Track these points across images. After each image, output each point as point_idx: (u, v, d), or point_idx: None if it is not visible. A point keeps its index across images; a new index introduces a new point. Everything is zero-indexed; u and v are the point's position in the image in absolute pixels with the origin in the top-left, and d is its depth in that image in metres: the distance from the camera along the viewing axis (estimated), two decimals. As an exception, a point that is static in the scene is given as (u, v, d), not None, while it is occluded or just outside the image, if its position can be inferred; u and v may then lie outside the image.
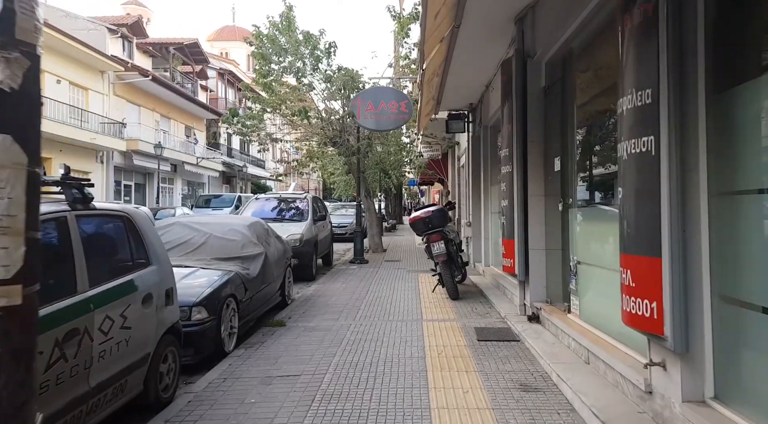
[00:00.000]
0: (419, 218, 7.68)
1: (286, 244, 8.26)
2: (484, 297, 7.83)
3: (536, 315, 5.74)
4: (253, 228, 6.83)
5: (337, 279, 10.17)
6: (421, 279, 9.92)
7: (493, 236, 9.79)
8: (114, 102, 23.69)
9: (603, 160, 4.46)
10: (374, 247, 15.10)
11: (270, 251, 7.02)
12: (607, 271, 4.06)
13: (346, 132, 13.50)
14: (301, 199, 11.58)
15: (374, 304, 7.52)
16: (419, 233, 7.92)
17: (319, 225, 11.50)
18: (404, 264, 12.40)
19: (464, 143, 13.33)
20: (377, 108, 11.94)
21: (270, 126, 14.18)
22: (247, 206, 11.50)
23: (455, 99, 10.61)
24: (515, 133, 5.95)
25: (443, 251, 7.48)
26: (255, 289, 6.11)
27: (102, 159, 22.89)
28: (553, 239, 5.76)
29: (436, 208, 7.68)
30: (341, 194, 30.47)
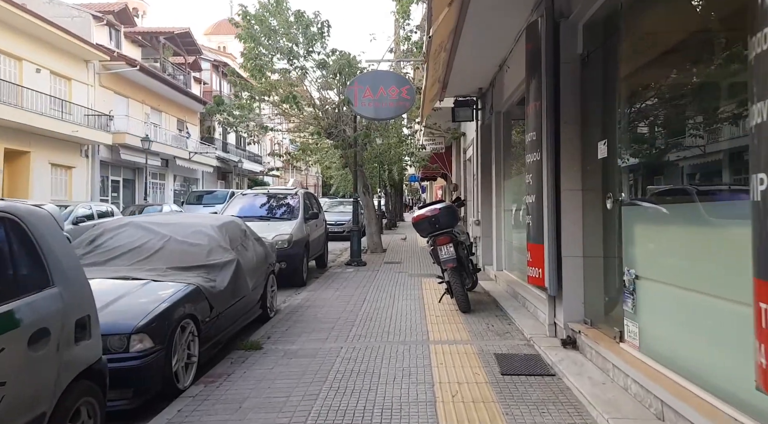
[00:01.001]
0: (424, 216, 6.53)
1: (269, 247, 7.11)
2: (499, 309, 6.69)
3: (572, 339, 4.60)
4: (225, 229, 5.67)
5: (330, 285, 9.03)
6: (424, 285, 8.78)
7: (506, 237, 8.65)
8: (100, 93, 22.53)
9: (691, 141, 3.31)
10: (373, 247, 13.96)
11: (246, 256, 5.88)
12: (699, 296, 2.92)
13: (342, 122, 12.33)
14: (292, 196, 10.43)
15: (371, 318, 6.38)
16: (424, 234, 6.78)
17: (312, 224, 10.36)
18: (405, 267, 11.25)
19: (471, 134, 12.16)
20: (376, 94, 10.79)
21: (261, 116, 13.00)
22: (230, 203, 10.35)
23: (463, 83, 9.44)
24: (545, 113, 4.80)
25: (453, 255, 6.34)
26: (223, 304, 4.97)
27: (87, 153, 21.73)
28: (593, 243, 4.62)
29: (443, 205, 6.54)
30: (339, 190, 29.36)
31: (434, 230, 6.50)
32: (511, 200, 8.43)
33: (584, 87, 4.72)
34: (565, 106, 4.78)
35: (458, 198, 7.17)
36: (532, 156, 4.98)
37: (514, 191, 8.23)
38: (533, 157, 4.97)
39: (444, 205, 6.58)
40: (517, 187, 7.90)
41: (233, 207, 10.17)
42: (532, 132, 4.98)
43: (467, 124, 13.01)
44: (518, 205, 7.81)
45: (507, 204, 8.62)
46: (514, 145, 8.36)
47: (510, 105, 8.30)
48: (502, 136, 8.83)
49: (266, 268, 6.63)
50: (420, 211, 6.67)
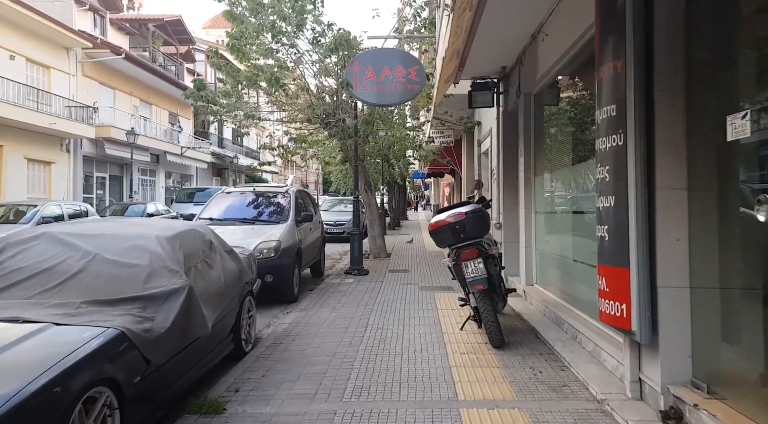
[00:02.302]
0: (445, 223, 5.01)
1: (247, 261, 5.61)
2: (541, 343, 5.19)
3: (678, 413, 3.09)
4: (178, 242, 4.17)
5: (326, 301, 7.54)
6: (439, 301, 7.29)
7: (538, 245, 7.14)
8: (83, 83, 21.01)
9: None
10: (376, 251, 12.45)
11: (209, 278, 4.39)
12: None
13: (341, 110, 10.81)
14: (282, 194, 8.93)
15: (376, 355, 4.89)
16: (444, 244, 5.28)
17: (305, 227, 8.86)
18: (414, 276, 9.76)
19: (489, 123, 10.65)
20: (380, 76, 9.30)
21: (249, 104, 11.47)
22: (210, 203, 8.85)
23: (484, 59, 7.92)
24: (630, 78, 3.29)
25: (482, 274, 4.84)
26: (166, 352, 3.48)
27: (68, 148, 20.24)
28: (707, 268, 3.12)
29: (470, 208, 5.02)
30: (339, 187, 27.84)
31: (458, 240, 4.99)
32: (546, 201, 6.92)
33: (694, 33, 3.21)
34: (661, 66, 3.27)
35: (482, 198, 5.70)
36: (608, 140, 3.47)
37: (551, 190, 6.72)
38: (610, 141, 3.46)
39: (471, 208, 5.07)
40: (557, 184, 6.40)
41: (212, 208, 8.67)
42: (609, 106, 3.47)
43: (483, 112, 11.49)
44: (558, 206, 6.30)
45: (539, 205, 7.12)
46: (550, 135, 6.85)
47: (545, 85, 6.79)
48: (533, 124, 7.32)
49: (240, 289, 5.14)
50: (439, 216, 5.15)
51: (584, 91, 5.41)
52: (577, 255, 5.41)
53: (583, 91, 5.47)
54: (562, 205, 6.06)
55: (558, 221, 6.31)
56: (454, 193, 20.71)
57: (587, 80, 5.27)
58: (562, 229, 6.03)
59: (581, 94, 5.50)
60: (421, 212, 48.61)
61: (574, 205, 5.56)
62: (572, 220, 5.62)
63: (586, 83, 5.31)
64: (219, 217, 8.31)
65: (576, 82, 5.61)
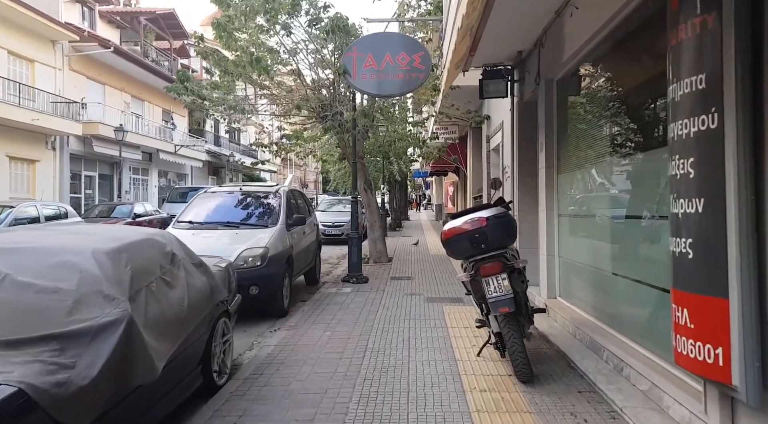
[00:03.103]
0: (462, 231, 4.08)
1: (221, 276, 4.72)
2: (578, 375, 4.27)
3: None
4: (125, 257, 3.25)
5: (320, 316, 6.63)
6: (449, 317, 6.38)
7: (563, 253, 6.22)
8: (70, 78, 20.10)
9: None
10: (376, 255, 11.54)
11: (168, 301, 3.48)
12: None
13: (339, 102, 9.91)
14: (272, 195, 8.01)
15: (376, 394, 3.97)
16: (460, 256, 4.37)
17: (298, 231, 7.95)
18: (419, 285, 8.84)
19: (500, 116, 9.74)
20: (381, 64, 8.39)
21: (236, 95, 10.54)
22: (189, 206, 7.92)
23: (498, 42, 7.02)
24: (731, 38, 2.38)
25: (508, 294, 3.93)
26: (92, 410, 2.57)
27: (53, 145, 19.32)
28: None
29: (493, 212, 4.09)
30: (338, 186, 26.90)
31: (478, 251, 4.08)
32: (574, 202, 6.02)
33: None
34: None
35: (501, 200, 4.80)
36: (693, 123, 2.56)
37: (581, 189, 5.81)
38: (695, 124, 2.55)
39: (494, 212, 4.14)
40: (589, 183, 5.48)
41: (193, 210, 7.75)
42: (693, 77, 2.56)
43: (494, 105, 10.58)
44: (591, 208, 5.39)
45: (564, 206, 6.21)
46: (579, 125, 5.93)
47: (572, 68, 5.88)
48: (556, 114, 6.41)
49: (212, 311, 4.24)
50: (454, 222, 4.21)
51: (632, 68, 4.49)
52: (618, 268, 4.50)
53: (630, 68, 4.55)
54: (596, 208, 5.14)
55: (590, 225, 5.39)
56: (458, 192, 19.78)
57: (636, 55, 4.36)
58: (596, 235, 5.12)
59: (627, 72, 4.59)
60: (423, 212, 47.75)
61: (614, 207, 4.65)
62: (611, 225, 4.71)
63: (635, 59, 4.40)
64: (200, 220, 7.40)
65: (618, 59, 4.70)
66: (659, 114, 3.65)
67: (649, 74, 4.04)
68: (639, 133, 4.29)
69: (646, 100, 4.12)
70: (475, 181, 14.78)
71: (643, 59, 4.18)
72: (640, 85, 4.27)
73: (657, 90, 3.63)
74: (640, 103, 4.26)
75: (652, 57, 3.88)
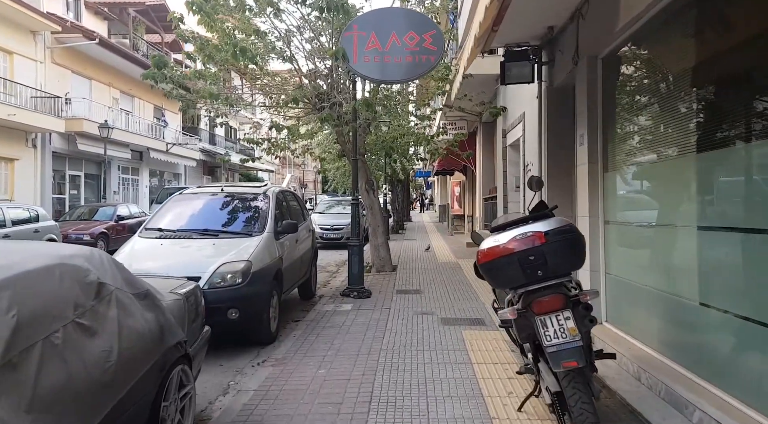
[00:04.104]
0: (510, 251, 2.87)
1: (178, 308, 3.56)
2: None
3: None
4: (8, 297, 2.10)
5: (315, 344, 5.47)
6: (471, 346, 5.21)
7: (612, 268, 5.07)
8: (52, 71, 18.93)
9: None
10: (379, 264, 10.38)
11: (82, 356, 2.33)
12: None
13: (337, 90, 8.76)
14: (260, 197, 6.84)
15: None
16: (505, 285, 3.17)
17: (289, 239, 6.79)
18: (429, 300, 7.68)
19: (521, 106, 8.58)
20: (385, 44, 7.24)
21: (219, 83, 9.38)
22: (160, 210, 6.74)
23: (526, 16, 5.90)
24: None
25: (574, 341, 2.79)
26: None
27: (34, 143, 18.15)
28: None
29: (553, 225, 2.86)
30: (338, 186, 25.75)
31: (533, 278, 2.92)
32: (628, 206, 4.87)
33: None
34: None
35: (541, 204, 3.66)
36: None
37: (638, 191, 4.66)
38: None
39: (555, 226, 2.94)
40: (651, 183, 4.33)
41: (165, 215, 6.57)
42: None
43: (511, 94, 9.41)
44: (660, 216, 4.22)
45: (613, 212, 5.06)
46: (636, 112, 4.77)
47: (625, 41, 4.73)
48: (601, 99, 5.26)
49: (161, 360, 3.07)
50: (497, 239, 2.97)
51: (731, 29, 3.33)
52: (713, 298, 3.35)
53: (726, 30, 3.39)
54: (672, 215, 3.99)
55: (661, 237, 4.23)
56: (466, 192, 18.61)
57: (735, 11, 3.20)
58: (671, 251, 3.96)
59: (721, 36, 3.42)
60: (426, 213, 46.68)
61: (705, 215, 3.49)
62: (701, 239, 3.55)
63: (733, 16, 3.24)
64: (172, 227, 6.23)
65: (706, 19, 3.54)
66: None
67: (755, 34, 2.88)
68: (745, 118, 3.14)
69: (756, 70, 2.96)
70: (485, 181, 13.63)
71: (748, 16, 3.02)
72: (741, 50, 3.11)
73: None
74: (745, 76, 3.09)
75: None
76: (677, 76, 3.96)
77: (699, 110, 3.64)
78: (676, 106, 3.92)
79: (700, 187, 3.59)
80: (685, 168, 3.77)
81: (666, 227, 4.10)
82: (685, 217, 3.75)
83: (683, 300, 3.70)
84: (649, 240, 4.45)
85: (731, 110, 3.29)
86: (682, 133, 3.77)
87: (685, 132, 3.73)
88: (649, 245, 4.43)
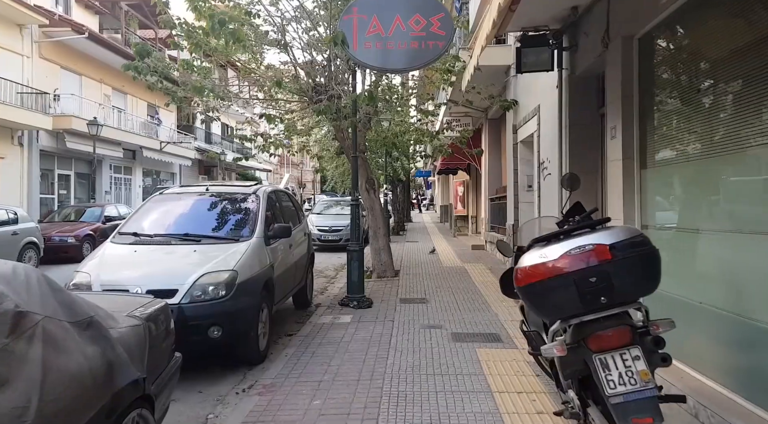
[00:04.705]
0: (563, 271, 2.20)
1: (135, 336, 2.87)
2: None
3: None
4: None
5: (309, 365, 4.79)
6: (489, 370, 4.53)
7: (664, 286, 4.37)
8: (40, 66, 18.21)
9: None
10: (381, 268, 9.70)
11: None
12: None
13: (335, 81, 8.09)
14: (249, 197, 6.16)
15: None
16: (553, 314, 2.44)
17: (282, 245, 6.11)
18: (436, 310, 7.00)
19: (533, 100, 7.90)
20: (388, 29, 6.57)
21: (210, 74, 8.69)
22: (136, 212, 6.06)
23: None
24: None
25: (647, 388, 2.13)
26: None
27: (21, 141, 17.45)
28: None
29: (621, 236, 2.20)
30: (337, 186, 25.04)
31: (593, 306, 2.23)
32: (673, 208, 4.20)
33: None
34: None
35: (577, 206, 3.01)
36: None
37: (690, 191, 3.99)
38: None
39: (623, 237, 2.21)
40: (712, 181, 3.65)
41: (140, 218, 5.88)
42: None
43: (522, 87, 8.73)
44: (730, 221, 3.54)
45: (655, 216, 4.39)
46: (684, 99, 4.09)
47: (670, 18, 4.05)
48: (637, 85, 4.59)
49: (108, 406, 2.38)
50: (542, 253, 2.26)
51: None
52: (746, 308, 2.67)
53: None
54: (728, 219, 3.31)
55: (716, 246, 3.54)
56: (470, 192, 17.93)
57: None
58: (731, 262, 3.29)
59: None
60: (426, 214, 46.01)
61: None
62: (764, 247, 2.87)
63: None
64: (148, 232, 5.54)
65: None
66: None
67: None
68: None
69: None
70: (492, 181, 12.95)
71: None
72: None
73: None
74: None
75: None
76: (740, 54, 3.28)
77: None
78: (737, 91, 3.24)
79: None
80: (751, 163, 3.09)
81: (722, 234, 3.42)
82: (746, 220, 3.07)
83: (751, 321, 3.03)
84: (702, 248, 3.77)
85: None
86: (744, 123, 3.10)
87: (748, 122, 3.06)
88: (703, 255, 3.76)
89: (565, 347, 2.31)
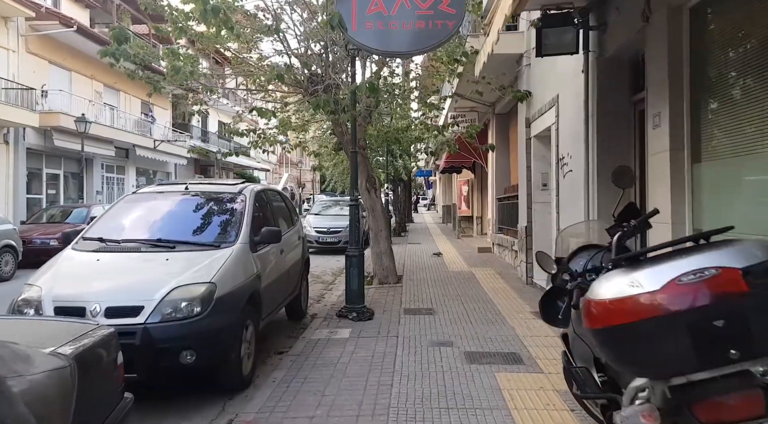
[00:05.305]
0: (670, 311, 1.50)
1: (59, 382, 2.13)
2: None
3: None
4: None
5: (300, 394, 4.07)
6: (513, 404, 3.80)
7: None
8: (27, 61, 17.48)
9: None
10: (382, 274, 8.97)
11: None
12: None
13: (333, 70, 7.37)
14: (235, 197, 5.43)
15: None
16: (652, 370, 1.66)
17: (271, 251, 5.38)
18: (445, 323, 6.27)
19: (551, 90, 7.17)
20: (392, 7, 5.84)
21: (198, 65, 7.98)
22: (104, 214, 5.34)
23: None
24: None
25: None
26: None
27: (6, 138, 16.72)
28: None
29: (757, 257, 1.58)
30: (335, 185, 24.31)
31: (715, 360, 1.51)
32: (741, 207, 3.48)
33: None
34: None
35: (631, 207, 2.33)
36: None
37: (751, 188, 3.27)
38: None
39: (759, 259, 1.58)
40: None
41: (107, 221, 5.15)
42: None
43: (537, 76, 8.00)
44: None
45: (708, 217, 3.67)
46: (742, 80, 3.37)
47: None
48: (689, 64, 3.87)
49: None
50: (637, 276, 1.54)
51: None
52: None
53: None
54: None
55: None
56: (475, 192, 17.20)
57: None
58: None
59: None
60: (427, 214, 45.27)
61: None
62: None
63: None
64: (116, 237, 4.80)
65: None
66: None
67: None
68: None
69: None
70: (499, 179, 12.23)
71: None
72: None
73: None
74: None
75: None
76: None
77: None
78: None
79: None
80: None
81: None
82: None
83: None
84: None
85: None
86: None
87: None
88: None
89: (657, 416, 1.59)
